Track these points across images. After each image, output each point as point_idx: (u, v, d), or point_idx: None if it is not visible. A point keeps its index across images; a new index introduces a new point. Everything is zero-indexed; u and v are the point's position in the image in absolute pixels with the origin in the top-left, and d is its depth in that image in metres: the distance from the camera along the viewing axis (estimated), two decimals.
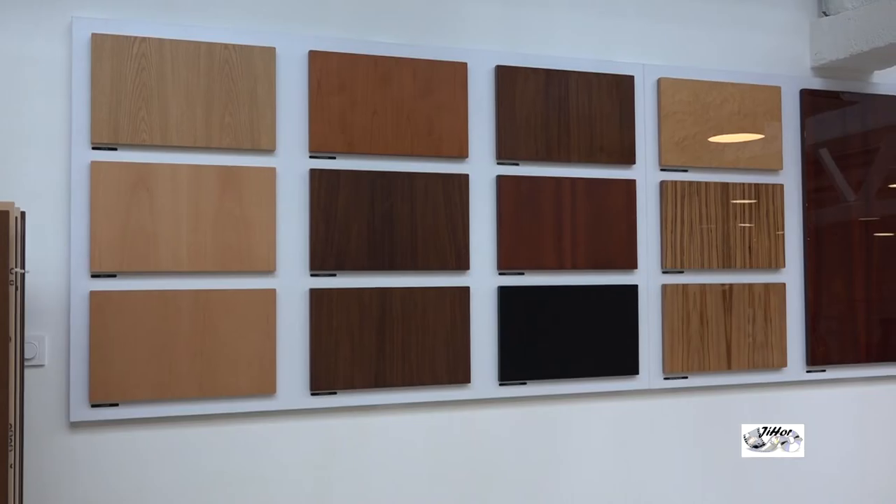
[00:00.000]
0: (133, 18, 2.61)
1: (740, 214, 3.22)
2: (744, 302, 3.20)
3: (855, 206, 3.43)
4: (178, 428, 2.60)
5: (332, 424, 2.75)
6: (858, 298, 3.39)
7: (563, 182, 2.99)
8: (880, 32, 3.11)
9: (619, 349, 3.05)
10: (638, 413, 3.11)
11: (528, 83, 2.97)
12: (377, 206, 2.78)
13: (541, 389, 2.96)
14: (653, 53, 3.19)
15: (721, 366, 3.16)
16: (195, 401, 2.59)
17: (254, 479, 2.67)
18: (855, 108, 3.47)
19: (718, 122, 3.21)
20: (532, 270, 2.96)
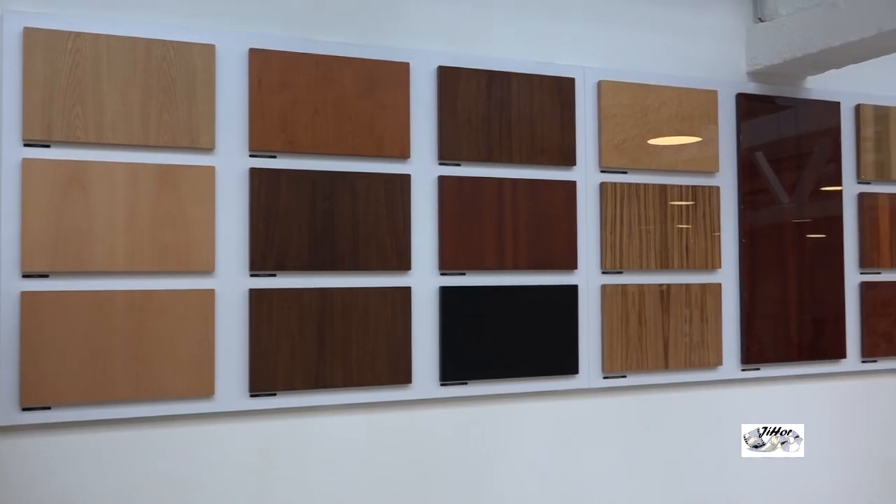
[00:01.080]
0: (67, 13, 2.55)
1: (678, 216, 3.28)
2: (681, 302, 3.26)
3: (788, 208, 3.52)
4: (113, 431, 2.55)
5: (272, 426, 2.73)
6: (791, 298, 3.47)
7: (505, 183, 3.00)
8: (813, 39, 3.18)
9: (559, 349, 3.08)
10: (578, 412, 3.15)
11: (470, 84, 2.98)
12: (318, 206, 2.77)
13: (482, 389, 2.98)
14: (594, 56, 3.23)
15: (659, 365, 3.21)
16: (131, 403, 2.54)
17: (191, 482, 2.63)
18: (789, 112, 3.55)
19: (657, 125, 3.26)
20: (473, 271, 2.97)
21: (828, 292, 3.56)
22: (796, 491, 3.52)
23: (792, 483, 3.51)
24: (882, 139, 3.69)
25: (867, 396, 3.67)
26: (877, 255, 3.65)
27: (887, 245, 3.67)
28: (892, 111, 3.72)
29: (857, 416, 3.66)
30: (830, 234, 3.59)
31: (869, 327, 3.61)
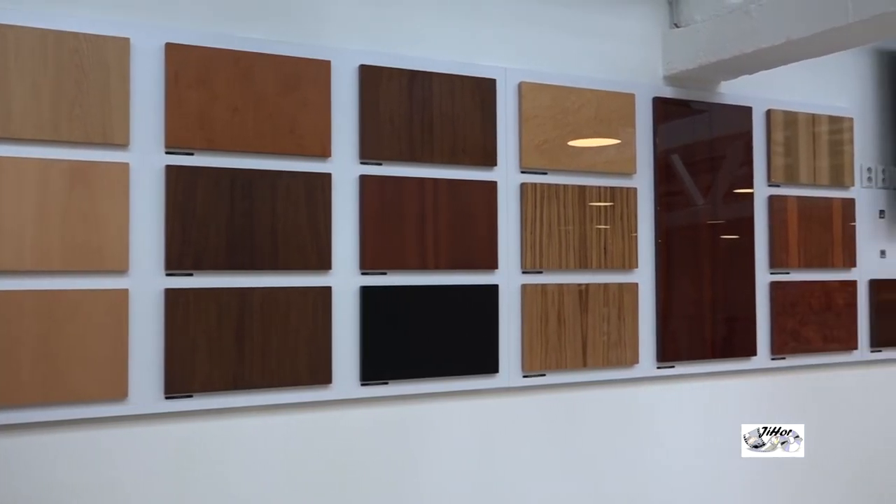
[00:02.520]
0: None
1: (596, 216, 3.33)
2: (599, 301, 3.31)
3: (703, 209, 3.61)
4: (21, 436, 2.46)
5: (189, 428, 2.68)
6: (705, 298, 3.56)
7: (426, 183, 3.01)
8: (726, 45, 3.27)
9: (480, 348, 3.10)
10: (498, 411, 3.17)
11: (391, 83, 2.98)
12: (237, 205, 2.73)
13: (403, 389, 2.98)
14: (515, 58, 3.26)
15: (577, 363, 3.26)
16: (39, 407, 2.46)
17: (105, 487, 2.57)
18: (703, 116, 3.64)
19: (577, 127, 3.31)
20: (395, 270, 2.97)
21: (740, 292, 3.67)
22: (710, 486, 3.61)
23: (706, 478, 3.60)
24: (791, 143, 3.82)
25: (776, 393, 3.79)
26: (786, 256, 3.77)
27: (795, 246, 3.79)
28: (801, 116, 3.85)
29: (767, 411, 3.77)
30: (743, 235, 3.70)
31: (778, 326, 3.73)
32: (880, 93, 4.17)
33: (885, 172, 4.15)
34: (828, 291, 3.88)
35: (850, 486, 3.98)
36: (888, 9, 2.72)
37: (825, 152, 3.91)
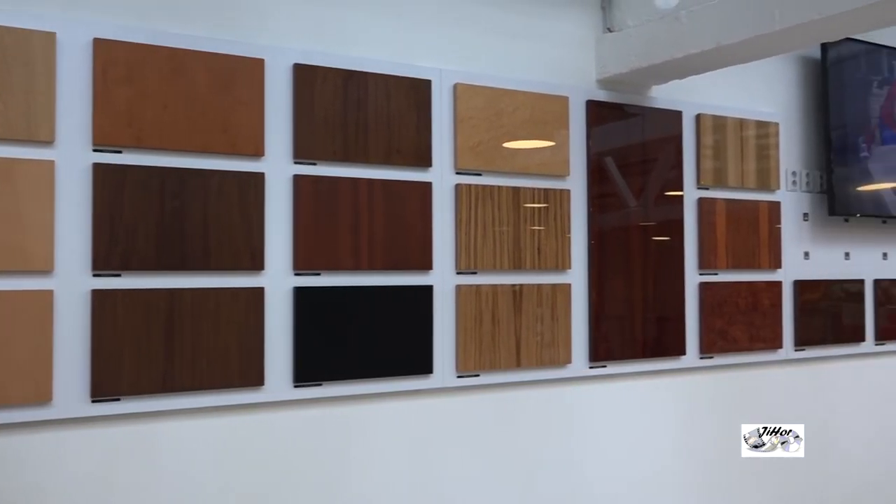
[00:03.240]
0: None
1: (530, 217, 3.36)
2: (533, 302, 3.34)
3: (635, 211, 3.67)
4: None
5: (116, 432, 2.62)
6: (636, 298, 3.62)
7: (361, 183, 3.00)
8: (657, 50, 3.33)
9: (414, 349, 3.10)
10: (432, 412, 3.18)
11: (326, 83, 2.96)
12: (167, 204, 2.68)
13: (336, 390, 2.96)
14: (450, 59, 3.27)
15: (511, 364, 3.29)
16: None
17: (28, 494, 2.49)
18: (636, 119, 3.70)
19: (511, 129, 3.33)
20: (329, 271, 2.95)
21: (670, 292, 3.74)
22: (644, 482, 3.67)
23: (639, 474, 3.66)
24: (720, 147, 3.91)
25: (705, 390, 3.88)
26: (714, 257, 3.85)
27: (723, 247, 3.88)
28: (730, 121, 3.94)
29: (697, 409, 3.85)
30: (673, 237, 3.77)
31: (707, 325, 3.82)
32: (805, 99, 4.30)
33: (809, 176, 4.27)
34: (754, 292, 3.98)
35: (778, 482, 4.09)
36: (812, 17, 2.80)
37: (752, 156, 4.01)
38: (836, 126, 4.20)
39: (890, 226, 4.55)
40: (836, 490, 4.30)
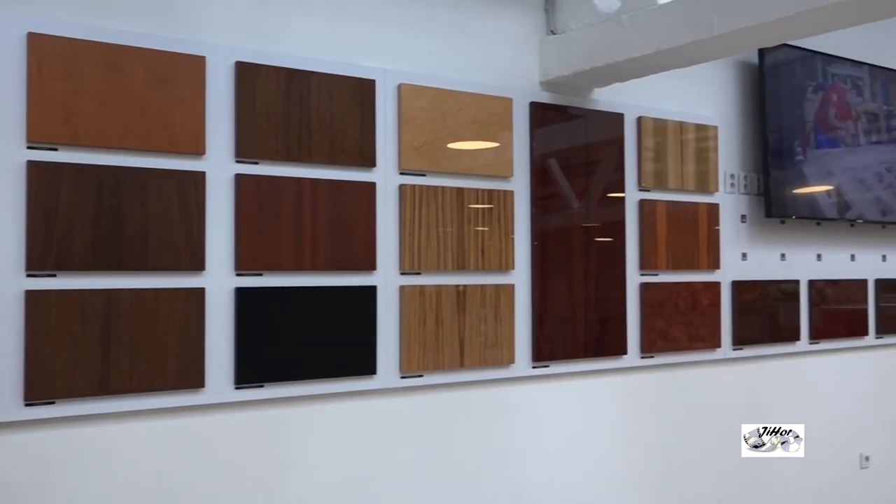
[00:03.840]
0: None
1: (474, 218, 3.37)
2: (476, 302, 3.35)
3: (578, 212, 3.70)
4: None
5: (51, 436, 2.55)
6: (578, 298, 3.66)
7: (304, 183, 2.98)
8: (599, 53, 3.37)
9: (358, 350, 3.09)
10: (376, 412, 3.17)
11: (269, 81, 2.93)
12: (105, 203, 2.62)
13: (279, 392, 2.93)
14: (394, 59, 3.26)
15: (455, 364, 3.29)
16: None
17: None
18: (579, 121, 3.74)
19: (455, 130, 3.34)
20: (271, 271, 2.92)
21: (611, 293, 3.78)
22: (586, 480, 3.71)
23: (582, 473, 3.70)
24: (661, 150, 3.97)
25: (646, 390, 3.93)
26: (655, 258, 3.91)
27: (664, 248, 3.94)
28: (670, 124, 4.00)
29: (638, 408, 3.91)
30: (615, 238, 3.82)
31: (647, 325, 3.87)
32: (742, 103, 4.38)
33: (747, 179, 4.36)
34: (693, 292, 4.05)
35: (716, 478, 4.16)
36: (749, 23, 2.86)
37: (692, 159, 4.08)
38: (773, 130, 4.30)
39: (824, 227, 4.67)
40: (773, 486, 4.39)
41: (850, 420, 4.79)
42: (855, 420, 4.81)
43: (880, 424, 4.93)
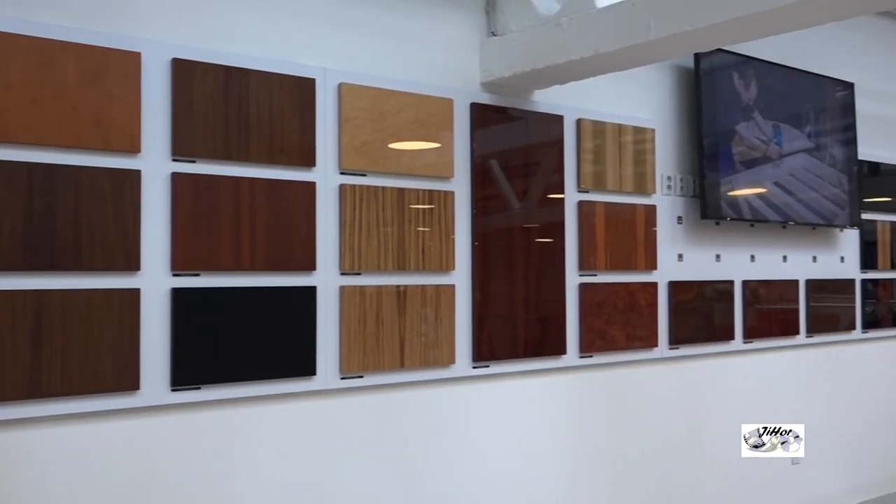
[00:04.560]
0: None
1: (415, 219, 3.37)
2: (417, 303, 3.35)
3: (518, 213, 3.73)
4: None
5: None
6: (518, 298, 3.68)
7: (243, 182, 2.94)
8: (539, 55, 3.39)
9: (297, 350, 3.06)
10: (316, 414, 3.14)
11: (206, 79, 2.89)
12: (36, 202, 2.56)
13: (216, 394, 2.89)
14: (335, 58, 3.24)
15: (395, 364, 3.29)
16: None
17: None
18: (519, 123, 3.77)
19: (396, 130, 3.33)
20: (209, 272, 2.88)
21: (551, 293, 3.81)
22: (526, 479, 3.73)
23: (522, 472, 3.72)
24: (600, 152, 4.02)
25: (585, 389, 3.97)
26: (593, 259, 3.96)
27: (602, 249, 3.99)
28: (609, 126, 4.05)
29: (577, 407, 3.95)
30: (555, 239, 3.85)
31: (586, 325, 3.91)
32: (679, 106, 4.46)
33: (683, 181, 4.44)
34: (631, 292, 4.10)
35: (654, 474, 4.23)
36: (684, 28, 2.91)
37: (630, 161, 4.14)
38: (708, 133, 4.39)
39: (757, 229, 4.78)
40: (708, 481, 4.48)
41: (782, 417, 4.90)
42: (786, 417, 4.92)
43: (810, 421, 5.05)
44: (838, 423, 5.18)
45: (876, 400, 5.46)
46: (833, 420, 5.15)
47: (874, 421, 5.43)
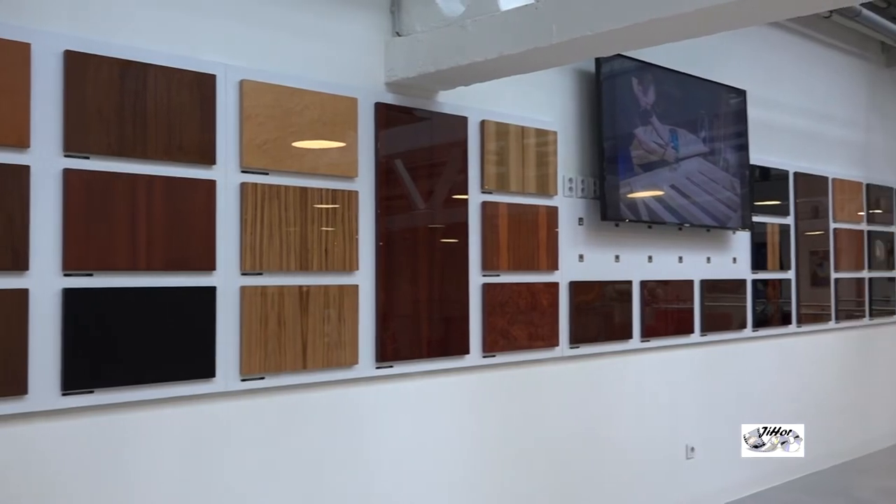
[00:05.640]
0: None
1: (319, 218, 3.34)
2: (320, 303, 3.32)
3: (423, 213, 3.73)
4: None
5: None
6: (423, 299, 3.69)
7: (139, 179, 2.86)
8: (443, 56, 3.41)
9: (196, 352, 2.99)
10: (215, 416, 3.08)
11: (101, 73, 2.80)
12: None
13: (110, 397, 2.80)
14: (237, 55, 3.18)
15: (297, 365, 3.25)
16: None
17: None
18: (425, 123, 3.77)
19: (300, 128, 3.30)
20: (103, 271, 2.79)
21: (455, 293, 3.83)
22: (430, 478, 3.74)
23: (426, 471, 3.73)
24: (503, 153, 4.06)
25: (488, 388, 4.01)
26: (497, 259, 4.00)
27: (506, 250, 4.04)
28: (512, 128, 4.10)
29: (481, 406, 3.98)
30: (459, 239, 3.87)
31: (490, 325, 3.95)
32: (580, 109, 4.55)
33: (584, 183, 4.53)
34: (534, 293, 4.16)
35: (555, 470, 4.30)
36: (585, 33, 2.97)
37: (533, 163, 4.19)
38: (609, 136, 4.48)
39: (655, 231, 4.91)
40: (607, 476, 4.58)
41: (678, 413, 5.06)
42: (682, 413, 5.09)
43: (705, 417, 5.23)
44: (732, 416, 5.37)
45: (767, 394, 5.68)
46: (727, 414, 5.34)
47: (766, 414, 5.64)
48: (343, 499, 3.44)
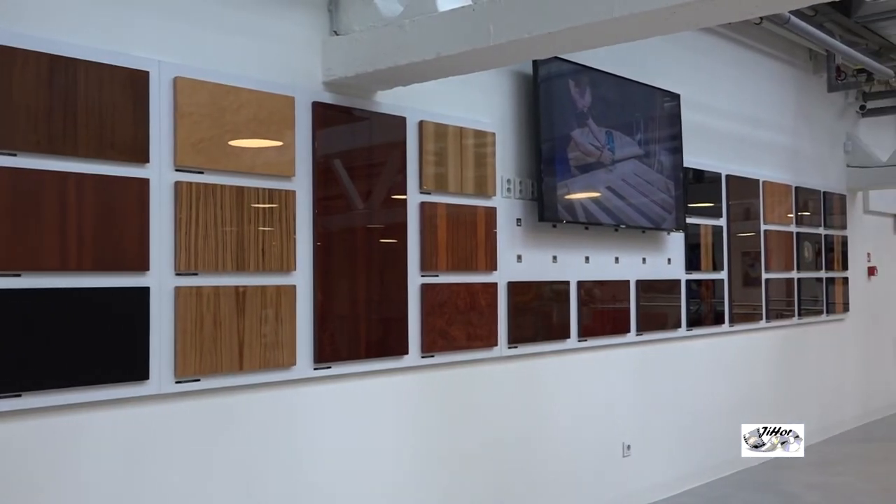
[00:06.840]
0: None
1: (255, 218, 3.30)
2: (257, 304, 3.29)
3: (362, 213, 3.72)
4: None
5: None
6: (361, 299, 3.67)
7: (69, 177, 2.79)
8: (381, 56, 3.40)
9: (128, 354, 2.94)
10: (149, 419, 3.02)
11: (28, 68, 2.73)
12: None
13: (38, 401, 2.72)
14: (171, 52, 3.13)
15: (233, 367, 3.21)
16: None
17: None
18: (363, 123, 3.76)
19: (236, 127, 3.26)
20: (31, 272, 2.72)
21: (394, 293, 3.83)
22: (369, 480, 3.72)
23: (365, 472, 3.71)
24: (442, 154, 4.07)
25: (427, 388, 4.01)
26: (435, 259, 4.00)
27: (444, 250, 4.04)
28: (451, 129, 4.11)
29: (419, 406, 3.98)
30: (398, 240, 3.87)
31: (428, 325, 3.95)
32: (518, 111, 4.59)
33: (522, 184, 4.56)
34: (472, 293, 4.18)
35: (495, 468, 4.32)
36: (522, 35, 3.00)
37: (471, 164, 4.21)
38: (546, 138, 4.53)
39: (592, 232, 4.97)
40: (546, 474, 4.62)
41: (614, 411, 5.13)
42: (618, 412, 5.16)
43: (641, 415, 5.32)
44: (667, 415, 5.47)
45: (700, 393, 5.79)
46: (662, 412, 5.43)
47: (699, 412, 5.76)
48: (280, 500, 3.41)
